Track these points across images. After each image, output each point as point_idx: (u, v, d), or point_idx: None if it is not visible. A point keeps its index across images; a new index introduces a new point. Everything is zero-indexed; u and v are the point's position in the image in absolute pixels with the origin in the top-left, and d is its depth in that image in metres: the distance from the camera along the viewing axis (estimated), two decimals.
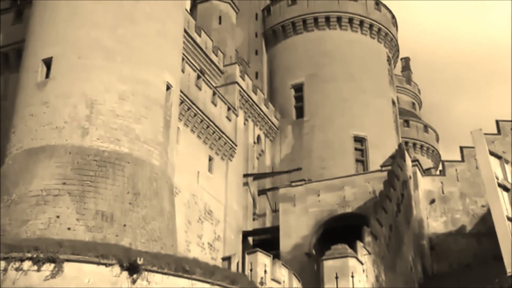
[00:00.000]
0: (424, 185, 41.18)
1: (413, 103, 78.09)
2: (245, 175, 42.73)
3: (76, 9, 28.03)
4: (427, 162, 63.95)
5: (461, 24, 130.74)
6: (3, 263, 19.27)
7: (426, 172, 44.99)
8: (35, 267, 19.47)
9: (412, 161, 41.17)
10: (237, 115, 41.83)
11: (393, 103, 53.77)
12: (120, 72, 27.13)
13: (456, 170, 41.21)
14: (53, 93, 26.32)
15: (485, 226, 36.97)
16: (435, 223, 40.19)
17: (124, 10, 28.51)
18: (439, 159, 67.87)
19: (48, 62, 27.13)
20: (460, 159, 41.55)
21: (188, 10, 44.01)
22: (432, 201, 40.57)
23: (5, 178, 25.47)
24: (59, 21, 27.99)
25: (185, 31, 37.98)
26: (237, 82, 43.47)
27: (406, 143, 64.04)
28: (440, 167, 44.93)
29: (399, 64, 72.83)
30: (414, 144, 68.03)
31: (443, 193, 40.74)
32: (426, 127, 70.61)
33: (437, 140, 72.15)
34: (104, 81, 26.67)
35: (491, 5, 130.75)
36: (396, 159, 38.90)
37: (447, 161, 43.20)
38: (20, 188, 24.65)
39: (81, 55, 26.99)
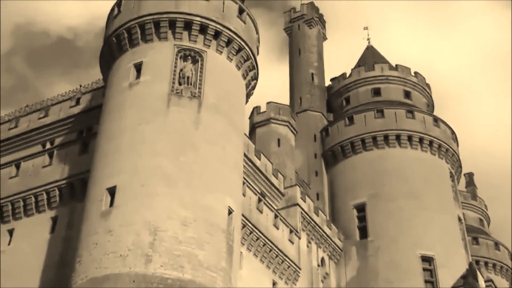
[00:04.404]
0: None
1: (481, 220, 75.72)
2: None
3: (139, 139, 28.81)
4: (501, 282, 61.06)
5: None
6: None
7: None
8: None
9: (486, 281, 39.42)
10: (299, 238, 41.24)
11: (460, 220, 52.23)
12: (182, 199, 27.29)
13: None
14: (117, 221, 26.54)
15: None
16: None
17: (185, 138, 29.13)
18: None
19: (112, 191, 27.60)
20: None
21: (247, 134, 44.72)
22: None
23: None
24: (123, 151, 28.73)
25: (245, 155, 38.40)
26: (298, 204, 43.18)
27: (477, 262, 61.57)
28: None
29: (462, 180, 71.57)
30: (486, 263, 65.24)
31: None
32: (497, 245, 67.92)
33: (511, 257, 69.10)
34: (166, 208, 26.82)
35: None
36: (467, 279, 37.35)
37: None
38: None
39: (143, 183, 27.39)
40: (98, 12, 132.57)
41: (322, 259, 46.14)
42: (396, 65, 60.29)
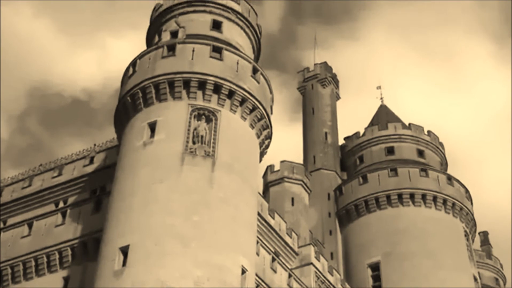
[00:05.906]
0: None
1: (496, 279, 74.36)
2: None
3: (153, 198, 28.73)
4: None
5: None
6: None
7: None
8: None
9: None
10: None
11: (475, 279, 51.53)
12: (195, 258, 27.03)
13: None
14: (129, 280, 26.25)
15: None
16: None
17: (199, 197, 29.02)
18: None
19: (125, 250, 27.36)
20: None
21: (261, 193, 44.54)
22: None
23: None
24: (136, 210, 28.62)
25: (259, 214, 38.13)
26: (312, 264, 42.61)
27: None
28: None
29: (477, 239, 70.51)
30: None
31: None
32: None
33: None
34: (179, 267, 26.55)
35: None
36: None
37: None
38: None
39: (157, 242, 27.19)
40: (112, 73, 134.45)
41: None
42: (409, 124, 60.48)
